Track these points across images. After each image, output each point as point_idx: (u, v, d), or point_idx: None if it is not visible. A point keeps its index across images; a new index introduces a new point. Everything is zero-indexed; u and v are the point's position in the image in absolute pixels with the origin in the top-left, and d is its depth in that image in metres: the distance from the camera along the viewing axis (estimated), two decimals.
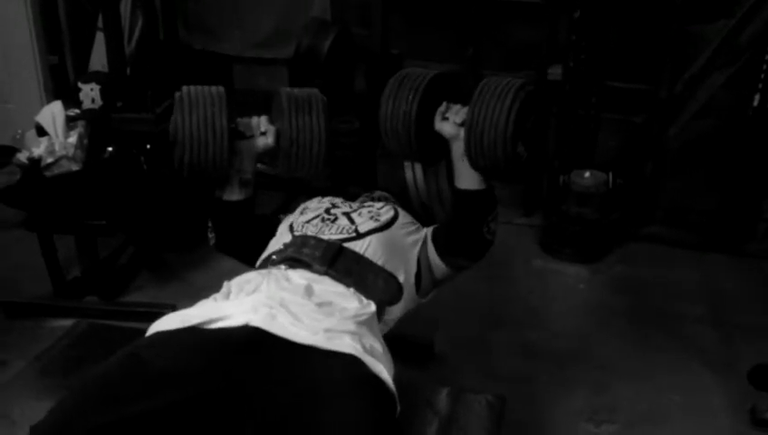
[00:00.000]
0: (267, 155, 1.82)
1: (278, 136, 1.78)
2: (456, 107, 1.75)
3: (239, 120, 1.81)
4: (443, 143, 1.77)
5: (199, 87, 1.73)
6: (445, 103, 1.77)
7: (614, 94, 3.30)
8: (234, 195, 1.82)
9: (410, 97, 1.73)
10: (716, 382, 2.46)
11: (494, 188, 1.76)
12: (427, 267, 1.81)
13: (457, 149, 1.72)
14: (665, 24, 3.15)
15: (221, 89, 1.73)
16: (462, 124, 1.70)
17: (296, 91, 1.79)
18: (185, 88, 1.73)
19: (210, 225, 1.87)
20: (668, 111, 3.22)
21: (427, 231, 1.86)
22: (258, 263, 1.79)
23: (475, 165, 1.69)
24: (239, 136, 1.78)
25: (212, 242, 1.89)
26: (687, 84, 3.15)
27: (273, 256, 1.72)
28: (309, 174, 1.81)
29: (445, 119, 1.75)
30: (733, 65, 3.05)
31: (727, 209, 3.32)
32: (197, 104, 1.69)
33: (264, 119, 1.82)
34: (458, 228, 1.77)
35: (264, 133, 1.79)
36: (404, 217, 1.86)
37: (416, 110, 1.73)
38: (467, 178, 1.72)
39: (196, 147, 1.67)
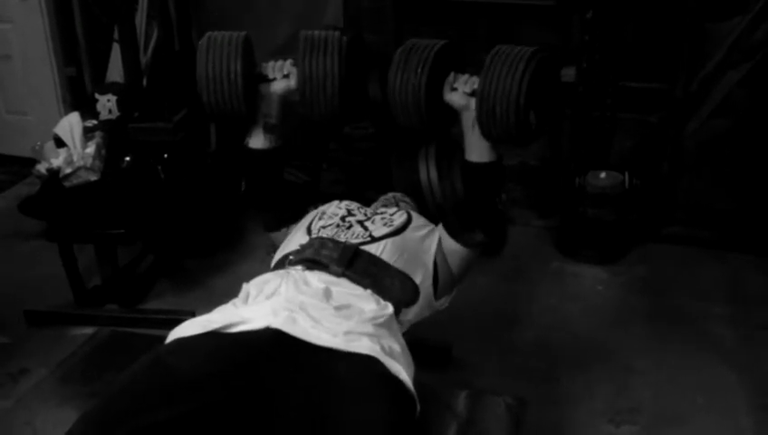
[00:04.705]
0: (291, 98, 1.84)
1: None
2: (464, 77, 1.75)
3: (264, 64, 1.85)
4: (452, 114, 1.77)
5: (221, 33, 1.80)
6: (453, 74, 1.77)
7: (629, 94, 3.28)
8: (259, 141, 1.85)
9: (419, 69, 1.72)
10: (739, 383, 2.44)
11: (503, 160, 1.75)
12: (444, 263, 1.81)
13: (467, 118, 1.72)
14: (679, 23, 3.13)
15: (242, 34, 1.78)
16: (472, 94, 1.70)
17: (315, 32, 1.82)
18: (207, 33, 1.80)
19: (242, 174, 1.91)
20: (684, 110, 3.20)
21: (439, 226, 1.86)
22: (274, 263, 1.81)
23: (486, 134, 1.69)
24: (261, 79, 1.82)
25: (242, 188, 1.92)
26: (703, 82, 3.12)
27: (291, 257, 1.73)
28: (325, 114, 1.82)
29: (453, 89, 1.75)
30: (748, 62, 3.03)
31: (748, 207, 3.29)
32: (215, 48, 1.75)
33: (288, 62, 1.84)
34: (472, 202, 1.78)
35: (286, 76, 1.82)
36: (417, 219, 1.87)
37: (425, 81, 1.72)
38: (478, 150, 1.73)
39: (212, 87, 1.74)
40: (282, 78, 1.83)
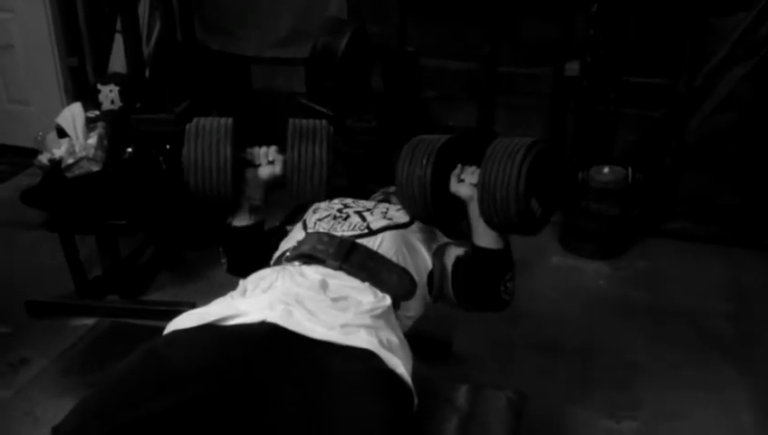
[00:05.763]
0: (276, 183, 1.85)
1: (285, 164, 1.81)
2: (471, 168, 1.77)
3: (249, 149, 1.85)
4: (460, 205, 1.78)
5: (209, 118, 1.79)
6: (459, 166, 1.79)
7: (632, 89, 3.27)
8: (243, 221, 1.86)
9: (424, 161, 1.75)
10: (739, 378, 2.44)
11: (510, 249, 1.77)
12: (440, 274, 1.81)
13: (474, 209, 1.73)
14: (683, 18, 3.12)
15: (230, 120, 1.78)
16: (477, 185, 1.71)
17: (303, 121, 1.83)
18: (195, 119, 1.79)
19: (222, 250, 1.91)
20: (688, 106, 3.19)
21: (448, 251, 1.85)
22: (273, 260, 1.81)
23: (489, 222, 1.70)
24: (247, 164, 1.83)
25: (224, 268, 1.93)
26: (707, 78, 3.11)
27: (288, 253, 1.73)
28: (312, 199, 1.87)
29: (460, 181, 1.76)
30: (753, 58, 3.01)
31: (750, 203, 3.28)
32: (204, 134, 1.74)
33: (272, 149, 1.85)
34: (476, 284, 1.78)
35: (271, 162, 1.82)
36: (419, 223, 1.87)
37: (430, 173, 1.74)
38: (485, 237, 1.74)
39: (200, 174, 1.74)
40: (267, 164, 1.83)
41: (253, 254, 1.88)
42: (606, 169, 3.18)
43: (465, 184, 1.76)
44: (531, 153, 1.64)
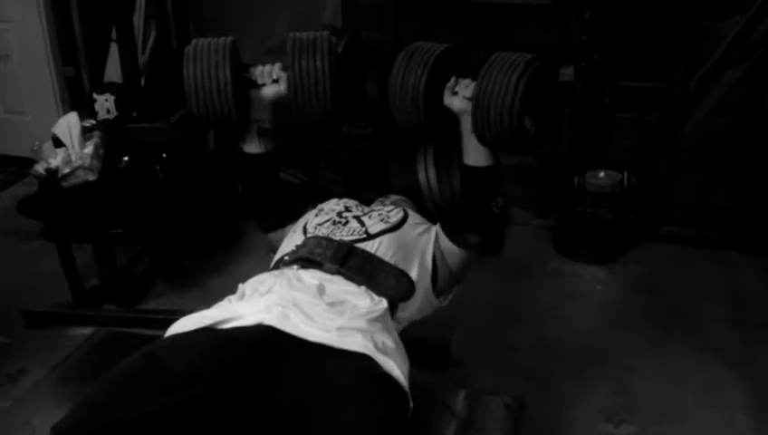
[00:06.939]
0: (282, 102, 1.82)
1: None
2: (466, 81, 1.75)
3: (252, 68, 1.82)
4: (452, 118, 1.76)
5: (207, 39, 1.75)
6: (454, 78, 1.76)
7: (627, 93, 3.28)
8: (253, 146, 1.86)
9: (419, 70, 1.73)
10: (736, 381, 2.44)
11: (502, 165, 1.75)
12: (443, 261, 1.82)
13: (466, 123, 1.72)
14: (677, 22, 3.14)
15: (228, 39, 1.74)
16: (471, 98, 1.70)
17: (303, 34, 1.79)
18: (194, 41, 1.76)
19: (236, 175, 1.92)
20: (682, 110, 3.20)
21: (437, 225, 1.87)
22: (271, 264, 1.82)
23: (482, 139, 1.68)
24: (250, 85, 1.79)
25: (239, 190, 1.93)
26: (701, 82, 3.12)
27: (286, 257, 1.74)
28: (319, 117, 1.80)
29: (454, 93, 1.75)
30: (746, 62, 3.02)
31: (745, 207, 3.29)
32: (202, 56, 1.71)
33: (276, 66, 1.82)
34: (467, 204, 1.78)
35: (276, 81, 1.80)
36: (414, 217, 1.87)
37: (424, 83, 1.72)
38: (475, 154, 1.73)
39: (202, 96, 1.71)
40: (271, 83, 1.81)
41: (265, 184, 1.90)
42: (601, 174, 3.19)
43: (458, 97, 1.74)
44: (528, 70, 1.61)
